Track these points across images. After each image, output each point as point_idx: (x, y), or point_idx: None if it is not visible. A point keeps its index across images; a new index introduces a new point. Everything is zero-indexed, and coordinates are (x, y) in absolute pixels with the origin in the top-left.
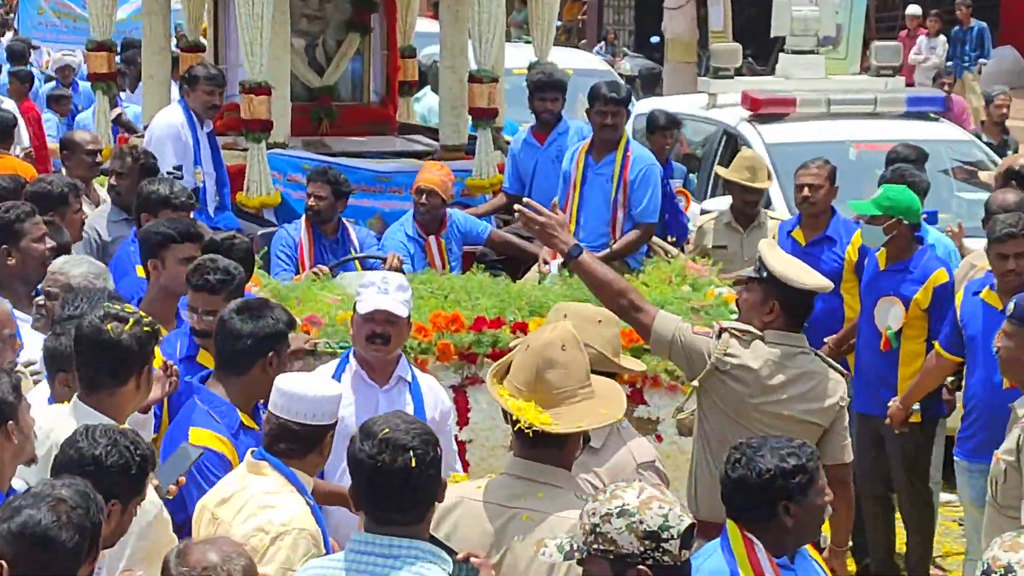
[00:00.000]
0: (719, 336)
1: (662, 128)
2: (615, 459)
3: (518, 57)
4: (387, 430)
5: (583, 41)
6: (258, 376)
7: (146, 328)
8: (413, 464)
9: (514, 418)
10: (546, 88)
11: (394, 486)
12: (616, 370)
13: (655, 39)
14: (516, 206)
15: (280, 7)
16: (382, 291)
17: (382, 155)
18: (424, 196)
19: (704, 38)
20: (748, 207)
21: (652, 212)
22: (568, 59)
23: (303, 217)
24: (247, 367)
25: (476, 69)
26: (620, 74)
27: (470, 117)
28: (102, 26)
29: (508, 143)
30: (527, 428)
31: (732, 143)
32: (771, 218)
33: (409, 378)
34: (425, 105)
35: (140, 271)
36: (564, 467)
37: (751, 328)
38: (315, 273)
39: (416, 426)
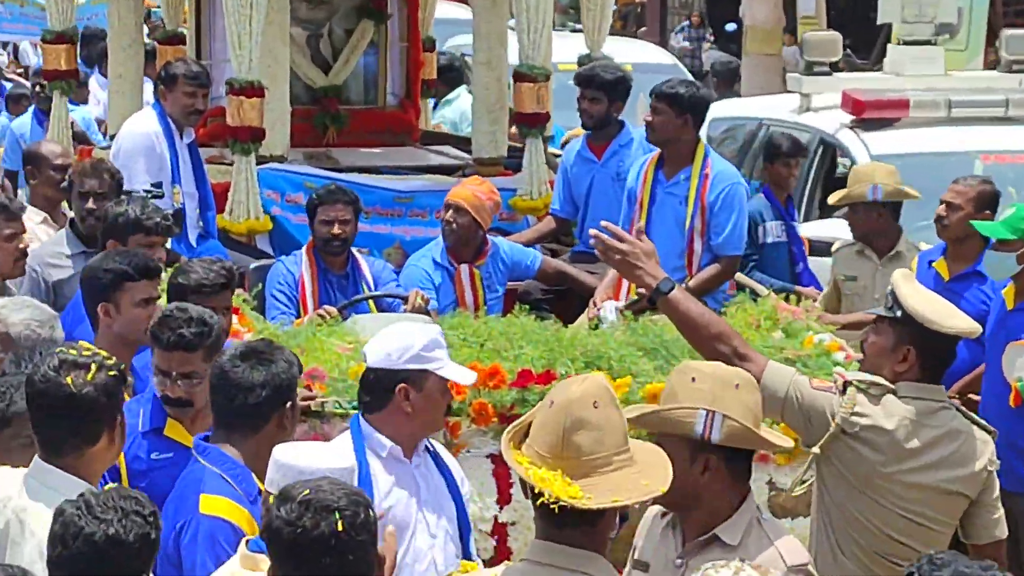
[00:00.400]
0: (843, 391)
1: (785, 156)
2: (759, 560)
3: (565, 49)
4: (307, 491)
5: (642, 29)
6: (275, 432)
7: (112, 372)
8: (340, 527)
9: (536, 491)
10: (584, 85)
11: (316, 556)
12: (759, 446)
13: (731, 27)
14: (592, 231)
15: None
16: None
17: (402, 171)
18: (450, 212)
19: (792, 25)
20: (879, 230)
21: (736, 242)
22: (627, 51)
23: (304, 248)
24: (262, 423)
25: (521, 64)
26: (692, 71)
27: (513, 124)
28: (62, 13)
29: (558, 156)
30: (552, 503)
31: (830, 155)
32: (915, 247)
33: (428, 447)
34: (457, 109)
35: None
36: (598, 551)
37: (881, 380)
38: (320, 316)
39: (342, 486)
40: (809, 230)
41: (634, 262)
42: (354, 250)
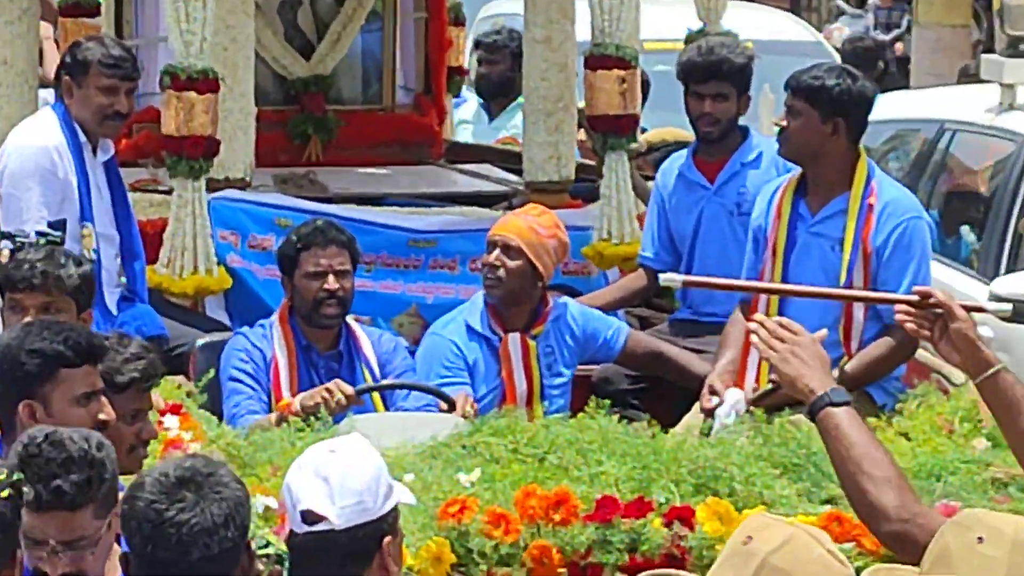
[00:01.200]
0: None
1: None
2: None
3: (664, 22)
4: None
5: None
6: None
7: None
8: None
9: None
10: (701, 76)
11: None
12: None
13: None
14: (750, 324)
15: None
16: None
17: (420, 201)
18: (495, 253)
19: None
20: None
21: None
22: (745, 23)
23: (276, 315)
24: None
25: (597, 44)
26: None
27: (583, 131)
28: None
29: (650, 178)
30: None
31: None
32: None
33: None
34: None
35: None
36: None
37: None
38: (301, 414)
39: None
40: (1010, 286)
41: (804, 358)
42: (349, 319)
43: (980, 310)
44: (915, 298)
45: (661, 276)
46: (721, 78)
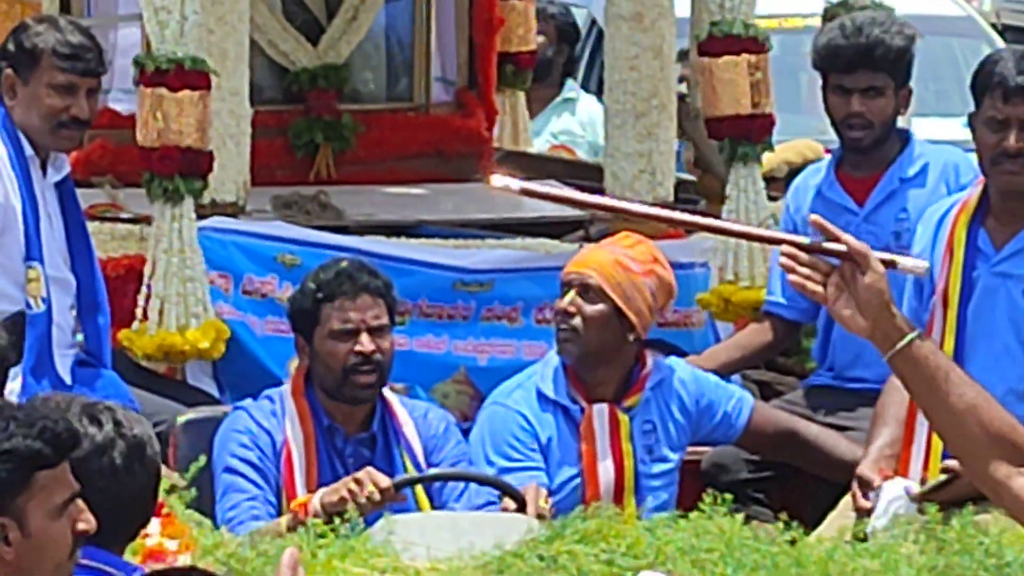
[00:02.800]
0: None
1: None
2: None
3: None
4: None
5: None
6: None
7: None
8: None
9: None
10: (846, 64)
11: None
12: None
13: None
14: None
15: None
16: None
17: (468, 231)
18: (570, 297)
19: None
20: None
21: None
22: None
23: (288, 384)
24: None
25: (716, 22)
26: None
27: (702, 137)
28: None
29: (776, 198)
30: None
31: None
32: None
33: None
34: (585, 112)
35: None
36: None
37: None
38: (323, 515)
39: None
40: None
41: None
42: (385, 390)
43: (892, 265)
44: (804, 239)
45: (492, 177)
46: (874, 67)
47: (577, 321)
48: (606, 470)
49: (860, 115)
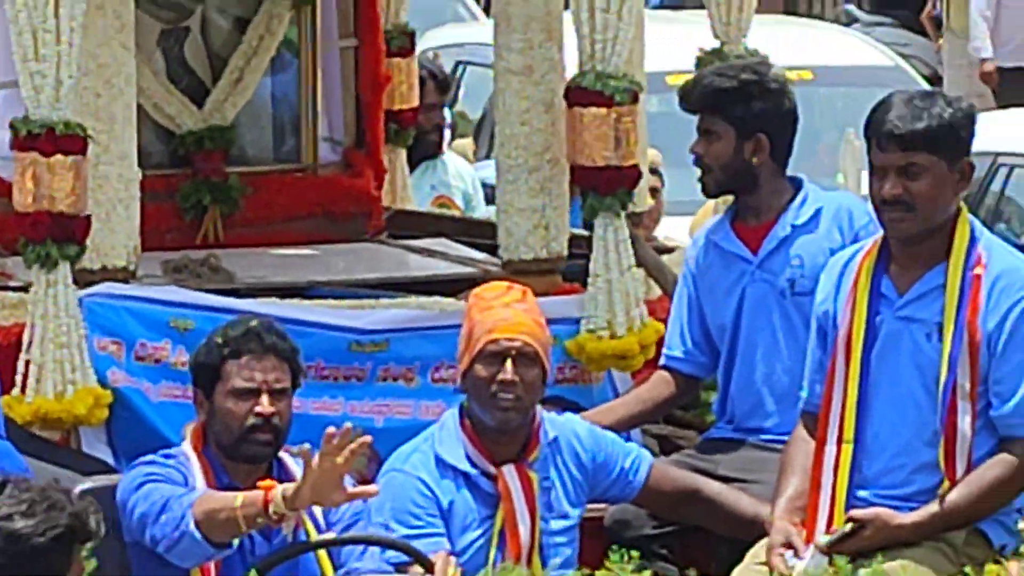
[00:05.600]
0: None
1: None
2: None
3: (672, 44)
4: None
5: None
6: None
7: None
8: None
9: None
10: (693, 107)
11: None
12: None
13: None
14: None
15: None
16: None
17: (359, 291)
18: (509, 367)
19: None
20: None
21: None
22: (801, 43)
23: (187, 443)
24: None
25: (582, 73)
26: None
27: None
28: None
29: (669, 251)
30: None
31: None
32: None
33: None
34: (453, 164)
35: None
36: None
37: None
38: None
39: None
40: None
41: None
42: (283, 452)
43: None
44: None
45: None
46: (710, 111)
47: (520, 391)
48: (524, 531)
49: (699, 158)
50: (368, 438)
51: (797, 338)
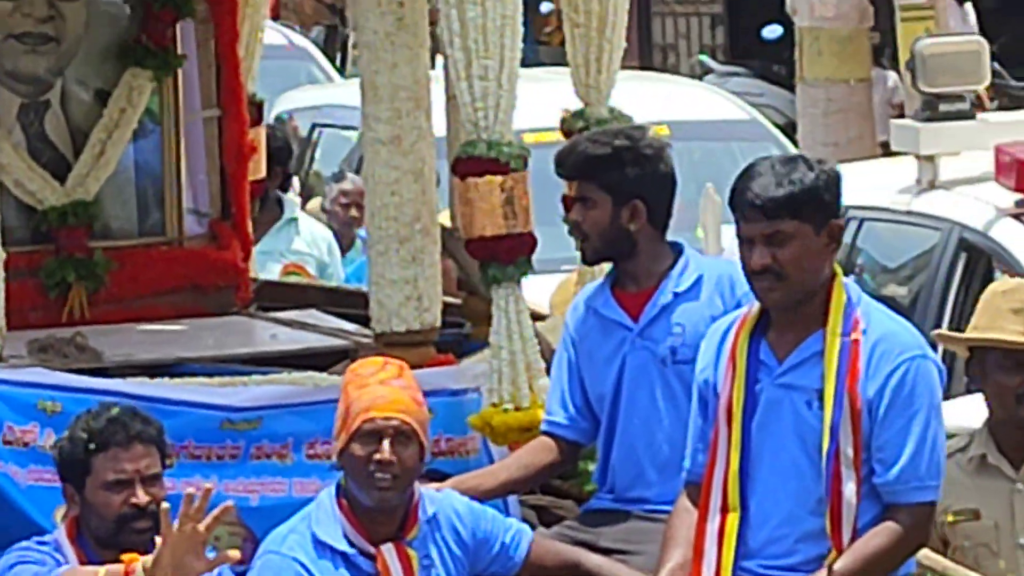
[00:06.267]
0: None
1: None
2: None
3: (529, 102)
4: None
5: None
6: None
7: None
8: None
9: None
10: (566, 174)
11: None
12: None
13: (774, 32)
14: None
15: None
16: None
17: (229, 367)
18: (386, 447)
19: (887, 23)
20: None
21: (927, 474)
22: (655, 99)
23: (62, 531)
24: None
25: (469, 143)
26: None
27: (466, 257)
28: None
29: (540, 318)
30: None
31: (980, 266)
32: None
33: None
34: (308, 231)
35: None
36: None
37: None
38: None
39: None
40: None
41: None
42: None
43: None
44: None
45: None
46: (583, 177)
47: (397, 469)
48: None
49: (576, 224)
50: (230, 503)
51: (678, 407)
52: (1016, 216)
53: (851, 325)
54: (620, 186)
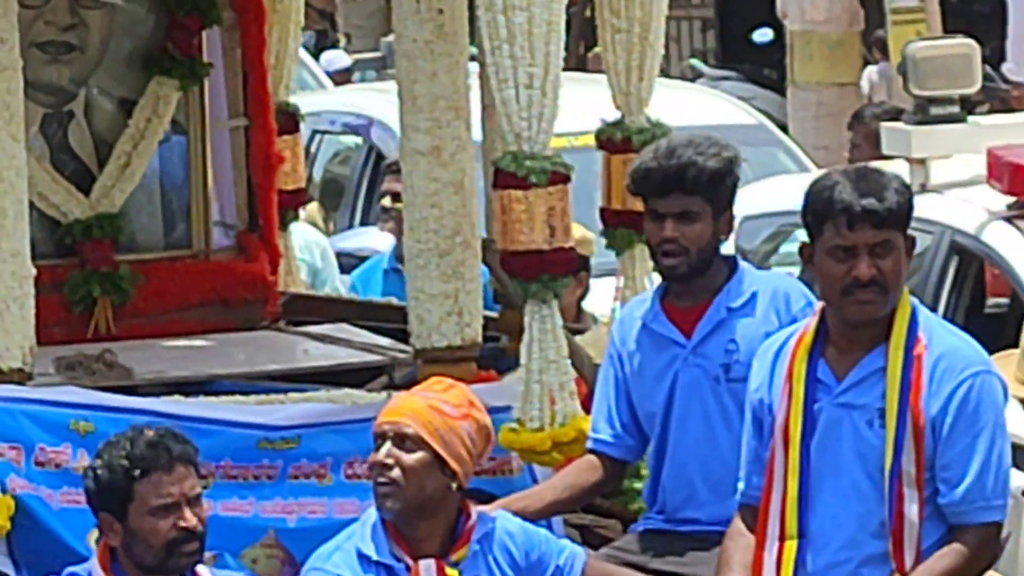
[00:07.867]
0: None
1: None
2: None
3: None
4: None
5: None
6: None
7: None
8: None
9: None
10: (658, 188)
11: None
12: None
13: (764, 36)
14: None
15: None
16: None
17: (263, 384)
18: (385, 450)
19: (874, 28)
20: None
21: (994, 494)
22: (680, 107)
23: (95, 559)
24: None
25: (511, 153)
26: None
27: (501, 272)
28: None
29: (581, 331)
30: None
31: (972, 270)
32: None
33: None
34: (300, 236)
35: None
36: None
37: None
38: None
39: None
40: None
41: None
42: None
43: None
44: None
45: None
46: (686, 191)
47: (396, 473)
48: None
49: (673, 240)
50: None
51: (732, 426)
52: (1008, 219)
53: (914, 341)
54: (721, 198)
